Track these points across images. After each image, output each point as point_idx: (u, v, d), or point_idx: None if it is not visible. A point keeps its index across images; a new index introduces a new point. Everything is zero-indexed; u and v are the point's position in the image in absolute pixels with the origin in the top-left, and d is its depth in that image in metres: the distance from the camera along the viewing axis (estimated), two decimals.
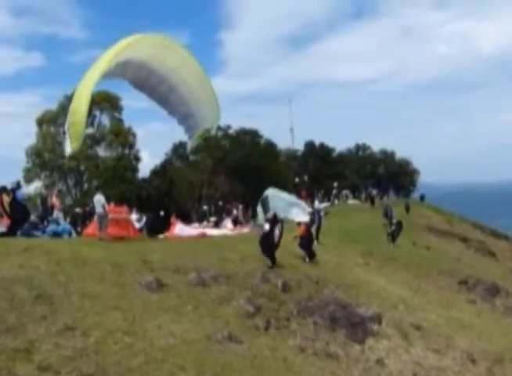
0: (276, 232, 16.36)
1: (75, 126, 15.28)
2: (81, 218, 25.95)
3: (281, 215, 20.08)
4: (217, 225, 29.02)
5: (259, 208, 19.94)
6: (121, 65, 16.79)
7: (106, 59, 15.83)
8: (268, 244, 15.93)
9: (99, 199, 18.30)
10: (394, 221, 29.63)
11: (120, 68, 17.02)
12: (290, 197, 22.46)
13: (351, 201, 55.06)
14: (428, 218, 47.82)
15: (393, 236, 28.96)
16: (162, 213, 30.73)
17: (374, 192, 59.09)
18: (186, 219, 33.89)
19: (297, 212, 26.02)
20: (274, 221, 16.55)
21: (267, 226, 16.21)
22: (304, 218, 21.89)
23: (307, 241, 18.51)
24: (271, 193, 20.43)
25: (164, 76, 18.27)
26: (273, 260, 15.73)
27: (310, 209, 27.90)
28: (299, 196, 42.74)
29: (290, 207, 23.97)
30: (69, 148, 15.42)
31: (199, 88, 19.06)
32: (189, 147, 22.27)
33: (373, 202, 49.81)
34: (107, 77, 17.01)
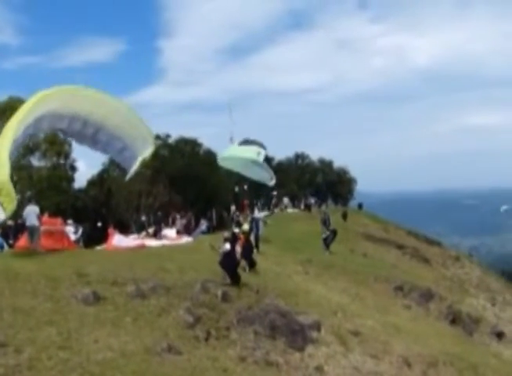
0: (238, 249, 16.30)
1: (3, 192, 14.50)
2: (12, 231, 24.94)
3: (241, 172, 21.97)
4: (156, 235, 28.59)
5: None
6: (38, 120, 16.80)
7: (17, 120, 15.68)
8: (231, 263, 15.75)
9: (32, 210, 17.71)
10: (331, 228, 30.17)
11: (37, 123, 17.05)
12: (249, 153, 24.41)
13: (290, 210, 55.56)
14: (365, 226, 48.88)
15: (326, 243, 29.46)
16: (99, 224, 30.07)
17: (312, 200, 59.94)
18: (125, 230, 33.21)
19: (258, 172, 27.45)
20: (234, 239, 16.50)
21: (227, 246, 16.00)
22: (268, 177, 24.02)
23: (247, 250, 18.50)
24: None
25: (86, 119, 18.70)
26: (237, 278, 15.52)
27: (250, 218, 28.14)
28: (241, 205, 42.88)
29: (250, 167, 25.58)
30: (3, 215, 14.69)
31: (125, 123, 19.73)
32: (128, 176, 22.79)
33: (309, 210, 50.59)
34: (25, 136, 17.02)
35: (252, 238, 21.69)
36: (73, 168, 51.55)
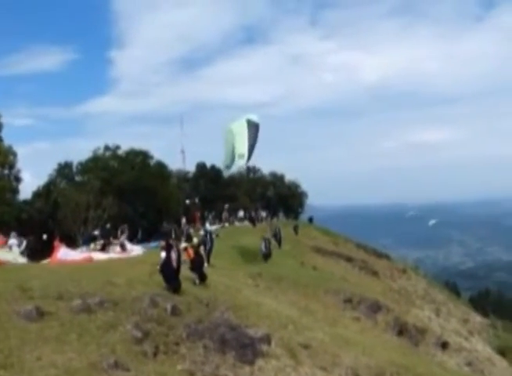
0: (173, 256, 16.12)
1: None
2: None
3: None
4: (104, 248, 27.97)
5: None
6: None
7: None
8: (168, 271, 15.66)
9: None
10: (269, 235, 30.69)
11: None
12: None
13: (241, 223, 55.55)
14: (315, 239, 49.39)
15: (265, 254, 29.84)
16: (45, 237, 29.16)
17: (264, 214, 60.07)
18: (71, 243, 32.39)
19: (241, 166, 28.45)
20: (168, 247, 16.32)
21: (163, 254, 15.92)
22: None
23: (197, 263, 18.36)
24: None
25: None
26: (177, 286, 15.52)
27: (202, 231, 28.00)
28: (192, 218, 42.59)
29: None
30: None
31: None
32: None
33: (254, 223, 50.53)
34: None
35: (202, 250, 21.54)
36: (18, 179, 49.96)
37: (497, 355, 28.95)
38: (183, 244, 19.20)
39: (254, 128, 28.67)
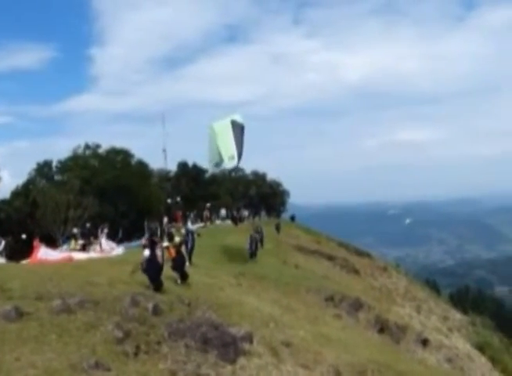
0: (158, 253, 16.06)
1: None
2: None
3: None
4: (84, 248, 27.75)
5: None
6: None
7: None
8: (154, 268, 15.58)
9: None
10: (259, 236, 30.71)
11: None
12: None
13: (223, 222, 55.57)
14: (297, 238, 49.59)
15: (251, 253, 29.92)
16: (24, 236, 28.87)
17: (246, 213, 60.17)
18: (51, 243, 32.07)
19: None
20: (152, 244, 16.24)
21: (146, 252, 15.83)
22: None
23: (179, 262, 18.30)
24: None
25: None
26: (159, 285, 15.48)
27: (183, 230, 27.89)
28: (174, 217, 42.38)
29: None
30: None
31: None
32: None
33: (236, 222, 50.76)
34: None
35: (184, 250, 21.47)
36: None
37: (476, 351, 29.34)
38: (165, 243, 19.12)
39: (238, 129, 28.65)
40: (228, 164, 29.16)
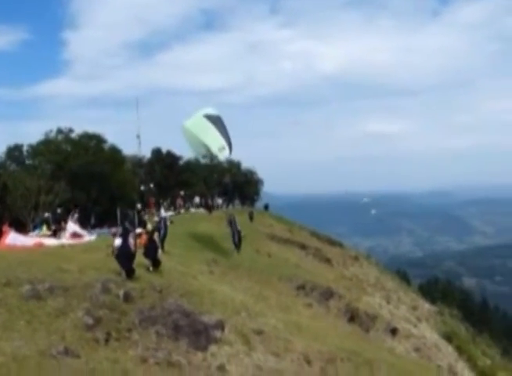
0: (131, 241, 15.94)
1: None
2: None
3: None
4: (55, 234, 27.36)
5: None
6: None
7: None
8: (126, 256, 15.49)
9: None
10: (237, 229, 30.42)
11: None
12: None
13: (197, 210, 55.44)
14: (271, 227, 49.72)
15: (236, 245, 29.69)
16: None
17: (220, 201, 60.11)
18: (21, 228, 31.54)
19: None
20: (125, 232, 16.11)
21: (118, 241, 15.71)
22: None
23: (151, 250, 18.19)
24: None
25: None
26: (131, 272, 15.38)
27: (156, 217, 27.70)
28: (147, 204, 42.10)
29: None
30: None
31: None
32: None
33: (210, 210, 50.76)
34: None
35: (156, 237, 21.35)
36: None
37: (443, 341, 29.91)
38: (138, 230, 19.00)
39: (217, 121, 28.36)
40: (221, 155, 28.78)
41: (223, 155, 28.90)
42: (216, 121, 28.30)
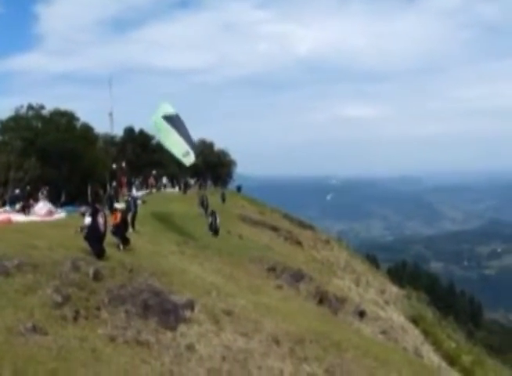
0: (100, 220, 15.81)
1: None
2: None
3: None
4: (24, 210, 26.99)
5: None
6: None
7: None
8: (95, 236, 15.37)
9: None
10: (209, 211, 30.41)
11: None
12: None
13: (169, 190, 55.19)
14: (242, 208, 49.83)
15: (211, 227, 29.74)
16: None
17: (192, 181, 59.89)
18: None
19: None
20: (94, 211, 15.95)
21: (87, 220, 15.56)
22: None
23: (120, 228, 18.12)
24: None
25: None
26: (101, 251, 15.34)
27: (127, 197, 27.51)
28: (119, 182, 41.65)
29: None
30: None
31: None
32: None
33: (185, 190, 50.92)
34: None
35: (129, 217, 21.26)
36: None
37: (410, 323, 30.52)
38: (116, 205, 18.86)
39: (176, 121, 27.79)
40: (186, 161, 28.34)
41: (188, 161, 28.41)
42: (175, 123, 27.59)
